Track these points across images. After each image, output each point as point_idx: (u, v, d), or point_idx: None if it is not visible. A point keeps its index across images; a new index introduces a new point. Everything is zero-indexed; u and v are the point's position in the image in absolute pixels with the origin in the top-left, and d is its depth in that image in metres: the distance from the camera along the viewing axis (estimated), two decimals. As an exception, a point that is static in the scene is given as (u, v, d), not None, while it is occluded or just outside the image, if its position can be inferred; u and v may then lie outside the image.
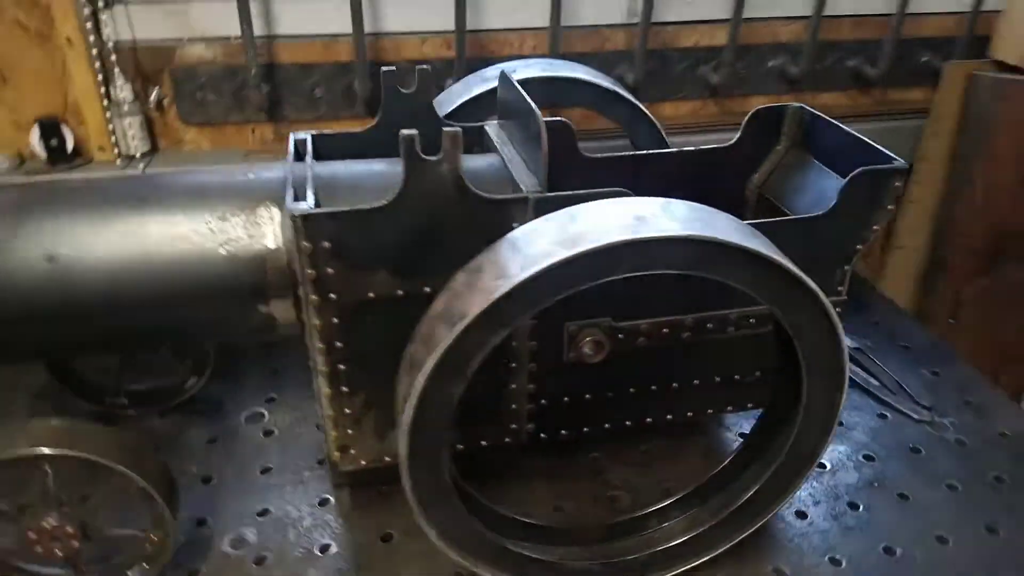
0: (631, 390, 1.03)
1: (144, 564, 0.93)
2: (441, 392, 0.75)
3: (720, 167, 1.17)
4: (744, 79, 1.48)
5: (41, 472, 0.84)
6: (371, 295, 0.86)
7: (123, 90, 1.28)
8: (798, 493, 0.95)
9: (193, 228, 0.84)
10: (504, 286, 0.69)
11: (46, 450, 0.82)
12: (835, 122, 1.09)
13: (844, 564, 0.98)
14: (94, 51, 1.24)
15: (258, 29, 1.31)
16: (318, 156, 0.98)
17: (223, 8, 1.29)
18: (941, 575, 0.97)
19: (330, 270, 0.83)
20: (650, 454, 1.17)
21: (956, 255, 1.56)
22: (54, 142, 1.28)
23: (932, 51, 1.53)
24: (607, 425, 1.06)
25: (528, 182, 0.88)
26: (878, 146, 1.00)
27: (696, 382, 1.05)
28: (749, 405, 1.10)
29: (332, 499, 1.08)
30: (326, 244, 0.82)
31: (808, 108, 1.13)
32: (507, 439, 1.02)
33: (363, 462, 0.99)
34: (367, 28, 1.34)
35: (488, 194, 0.83)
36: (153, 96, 1.30)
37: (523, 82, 1.00)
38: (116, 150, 1.32)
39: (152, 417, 1.22)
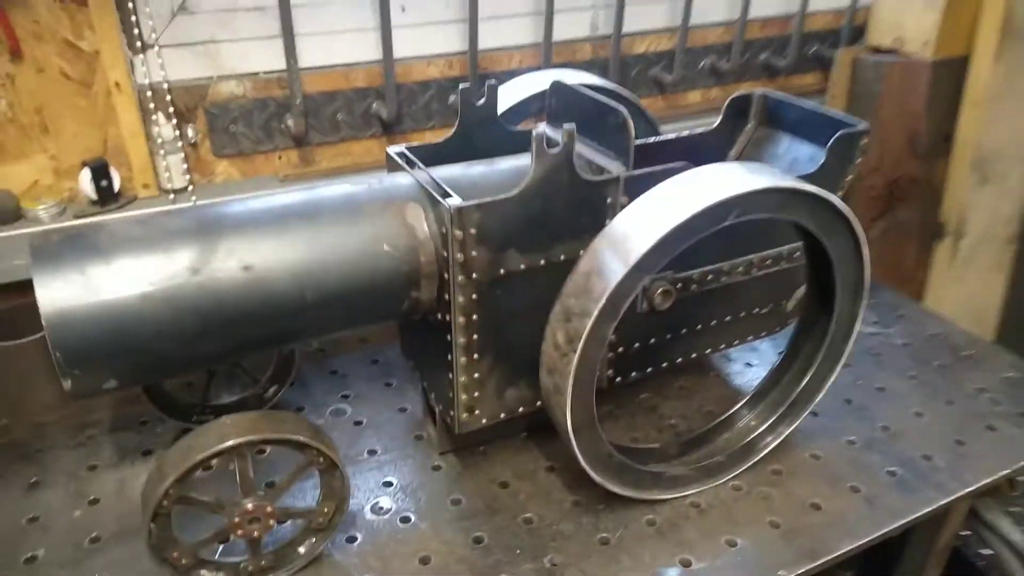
0: (683, 331, 1.26)
1: (312, 539, 1.05)
2: (600, 332, 0.94)
3: (705, 148, 1.43)
4: (687, 77, 1.77)
5: (242, 460, 0.95)
6: (502, 271, 1.04)
7: (164, 129, 1.35)
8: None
9: (358, 231, 0.98)
10: (653, 237, 0.90)
11: (267, 435, 0.93)
12: (795, 100, 1.38)
13: (857, 442, 1.27)
14: (136, 94, 1.32)
15: (286, 64, 1.43)
16: (410, 164, 1.14)
17: (251, 46, 1.39)
18: (928, 439, 1.28)
19: (474, 253, 1.00)
20: (686, 388, 1.41)
21: (860, 204, 1.94)
22: (104, 183, 1.33)
23: (823, 42, 1.89)
24: (664, 364, 1.28)
25: (613, 166, 1.09)
26: (835, 113, 1.30)
27: (728, 318, 1.30)
28: (763, 333, 1.37)
29: (443, 464, 1.23)
30: (473, 231, 0.99)
31: (771, 92, 1.42)
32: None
33: (484, 420, 1.15)
34: (377, 57, 1.50)
35: (590, 176, 1.03)
36: (191, 132, 1.37)
37: (556, 87, 1.22)
38: (159, 187, 1.38)
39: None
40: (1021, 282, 2.01)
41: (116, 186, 1.33)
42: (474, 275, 1.02)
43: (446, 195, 0.99)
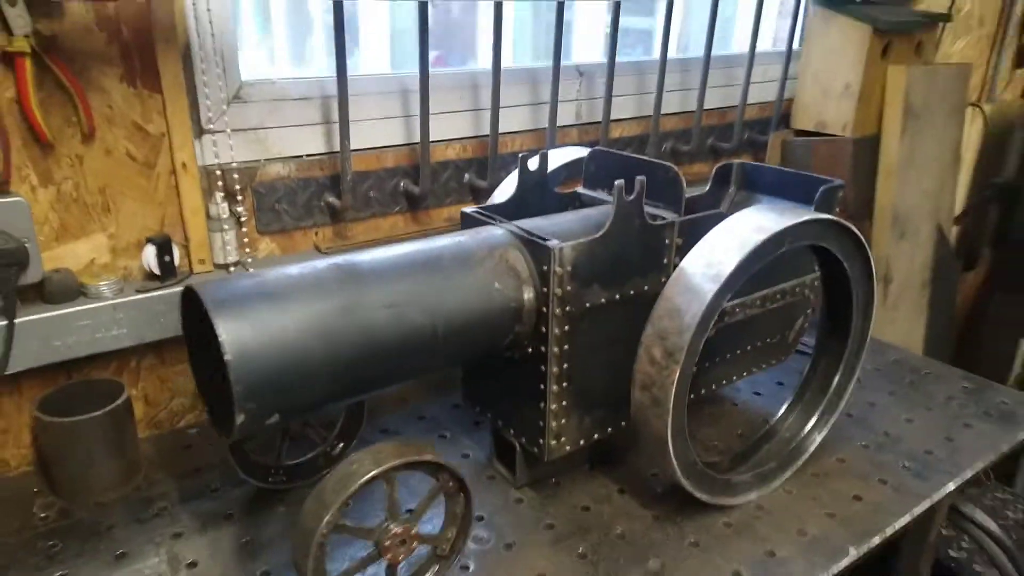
0: (716, 360, 1.43)
1: (436, 566, 1.10)
2: (695, 345, 1.09)
3: (701, 207, 1.66)
4: (658, 157, 2.02)
5: (390, 485, 1.00)
6: (588, 305, 1.18)
7: (221, 207, 1.41)
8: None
9: (474, 273, 1.09)
10: (733, 262, 1.08)
11: (412, 458, 0.99)
12: (771, 166, 1.64)
13: (869, 446, 1.46)
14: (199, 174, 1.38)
15: (326, 147, 1.54)
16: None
17: (297, 132, 1.50)
18: (923, 439, 1.49)
19: (568, 288, 1.14)
20: (713, 416, 1.56)
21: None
22: (167, 259, 1.35)
23: (752, 129, 2.21)
24: (703, 391, 1.44)
25: (667, 213, 1.28)
26: (808, 174, 1.56)
27: (748, 347, 1.49)
28: (772, 362, 1.56)
29: (523, 497, 1.31)
30: (568, 268, 1.13)
31: (747, 163, 1.67)
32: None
33: (568, 447, 1.25)
34: (402, 140, 1.64)
35: (655, 222, 1.21)
36: (240, 210, 1.44)
37: (595, 154, 1.42)
38: (213, 262, 1.43)
39: (310, 486, 1.33)
40: (935, 320, 2.35)
41: (177, 261, 1.37)
42: (568, 308, 1.15)
43: (544, 239, 1.13)
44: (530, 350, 1.20)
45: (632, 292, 1.22)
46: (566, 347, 1.18)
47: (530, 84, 1.82)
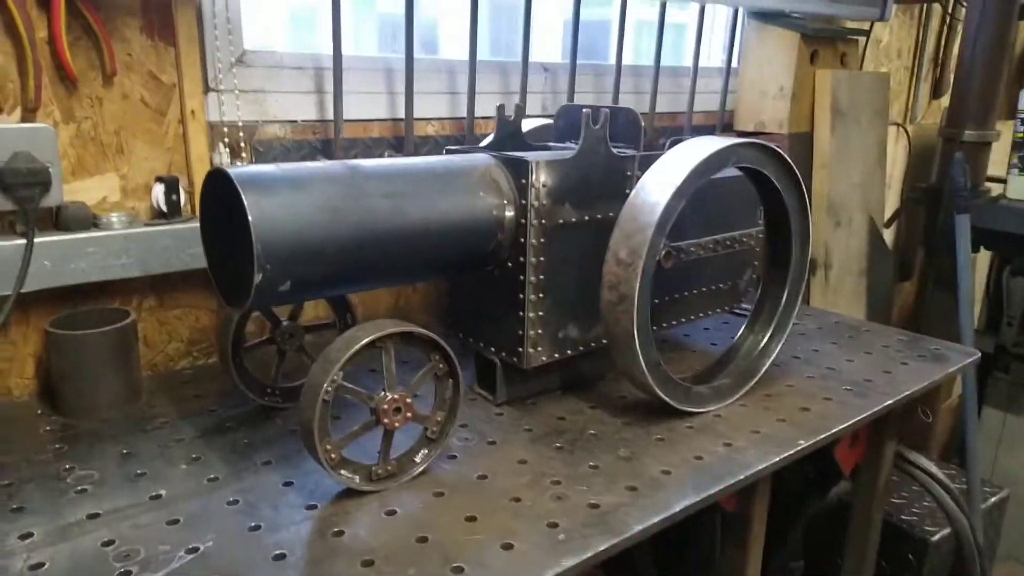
0: (675, 296, 1.58)
1: (426, 449, 1.19)
2: (655, 244, 1.24)
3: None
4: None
5: (387, 355, 1.11)
6: (560, 221, 1.32)
7: (224, 158, 1.54)
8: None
9: (462, 181, 1.24)
10: (688, 166, 1.24)
11: (412, 329, 1.10)
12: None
13: (815, 376, 1.60)
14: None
15: (318, 115, 1.69)
16: (467, 158, 1.43)
17: (291, 98, 1.65)
18: (864, 371, 1.64)
19: (544, 201, 1.29)
20: (674, 358, 1.70)
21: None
22: (174, 197, 1.47)
23: (705, 132, 2.43)
24: (663, 324, 1.58)
25: (628, 150, 1.45)
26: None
27: (703, 289, 1.64)
28: (725, 308, 1.72)
29: (503, 412, 1.41)
30: (543, 182, 1.28)
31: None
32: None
33: (544, 358, 1.37)
34: (387, 115, 1.81)
35: (619, 152, 1.38)
36: (240, 164, 1.57)
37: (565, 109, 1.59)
38: (213, 207, 1.55)
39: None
40: (872, 309, 2.54)
41: (183, 201, 1.48)
42: (543, 221, 1.30)
43: (523, 157, 1.29)
44: (510, 264, 1.34)
45: (599, 216, 1.38)
46: (542, 259, 1.32)
47: (501, 75, 2.01)
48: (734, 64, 2.45)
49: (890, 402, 1.50)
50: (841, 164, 2.33)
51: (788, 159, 1.40)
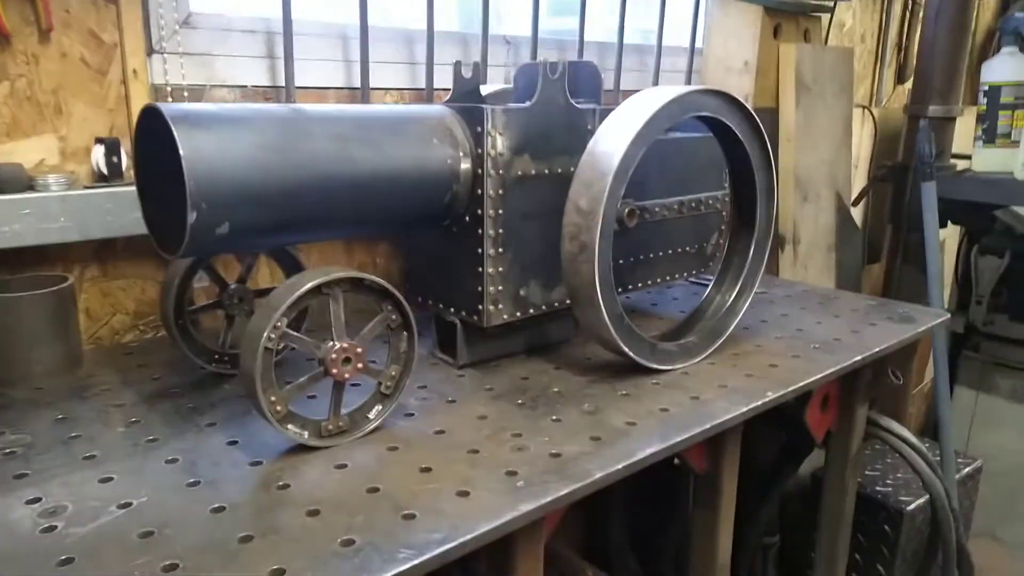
0: (640, 258, 1.54)
1: (380, 405, 1.14)
2: (615, 193, 1.20)
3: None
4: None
5: (335, 303, 1.05)
6: (519, 172, 1.28)
7: (169, 120, 1.48)
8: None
9: (415, 128, 1.19)
10: (647, 113, 1.21)
11: (358, 275, 1.05)
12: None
13: (783, 337, 1.57)
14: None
15: (269, 80, 1.64)
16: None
17: (241, 62, 1.60)
18: (832, 332, 1.61)
19: (501, 150, 1.25)
20: (641, 325, 1.65)
21: (720, 229, 2.41)
22: (115, 160, 1.40)
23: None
24: (629, 287, 1.54)
25: (588, 103, 1.41)
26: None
27: (669, 251, 1.60)
28: (692, 272, 1.68)
29: (465, 375, 1.36)
30: (500, 130, 1.24)
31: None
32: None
33: (505, 316, 1.33)
34: (343, 84, 1.76)
35: (579, 105, 1.34)
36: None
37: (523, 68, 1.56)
38: (158, 172, 1.48)
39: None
40: (842, 282, 2.52)
41: (124, 164, 1.42)
42: (500, 171, 1.26)
43: (477, 106, 1.24)
44: (467, 217, 1.29)
45: (559, 170, 1.34)
46: (501, 211, 1.27)
47: (462, 46, 1.97)
48: (698, 44, 2.44)
49: (859, 358, 1.47)
50: (807, 138, 2.32)
51: (748, 108, 1.38)
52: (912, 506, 1.96)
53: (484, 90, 1.60)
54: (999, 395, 3.06)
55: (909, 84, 3.24)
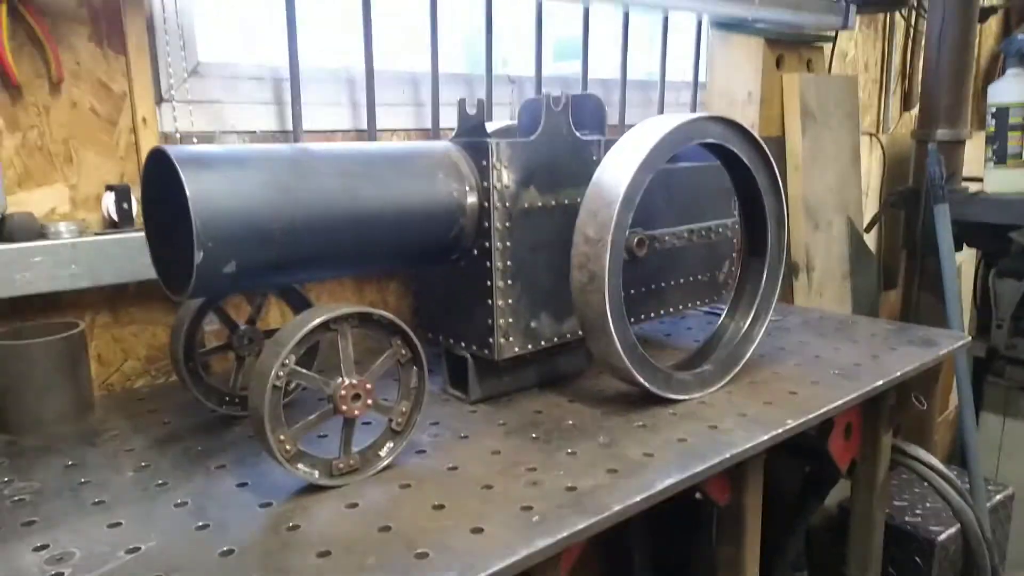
0: (652, 287, 1.53)
1: (391, 443, 1.12)
2: (623, 220, 1.20)
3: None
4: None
5: (344, 339, 1.04)
6: (526, 204, 1.28)
7: (178, 166, 1.50)
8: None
9: (421, 165, 1.20)
10: (652, 140, 1.21)
11: (367, 310, 1.04)
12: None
13: (801, 364, 1.54)
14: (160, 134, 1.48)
15: (278, 125, 1.66)
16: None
17: (249, 108, 1.62)
18: (851, 357, 1.58)
19: (507, 183, 1.25)
20: (655, 356, 1.63)
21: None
22: (125, 206, 1.41)
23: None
24: (642, 316, 1.52)
25: (593, 135, 1.41)
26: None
27: (681, 280, 1.59)
28: (705, 300, 1.66)
29: (477, 410, 1.34)
30: (505, 163, 1.24)
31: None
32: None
33: (516, 349, 1.31)
34: (350, 126, 1.78)
35: (583, 136, 1.34)
36: (197, 174, 1.53)
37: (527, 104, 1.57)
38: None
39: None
40: (858, 311, 2.49)
41: (135, 210, 1.43)
42: (507, 203, 1.26)
43: (482, 140, 1.25)
44: (475, 251, 1.28)
45: (566, 201, 1.34)
46: (508, 243, 1.27)
47: (466, 86, 2.00)
48: (701, 78, 2.46)
49: (881, 382, 1.44)
50: (815, 166, 2.32)
51: (754, 133, 1.37)
52: (943, 536, 1.90)
53: (489, 127, 1.61)
54: (1027, 420, 2.98)
55: (915, 111, 3.24)
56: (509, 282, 1.28)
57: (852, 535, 1.83)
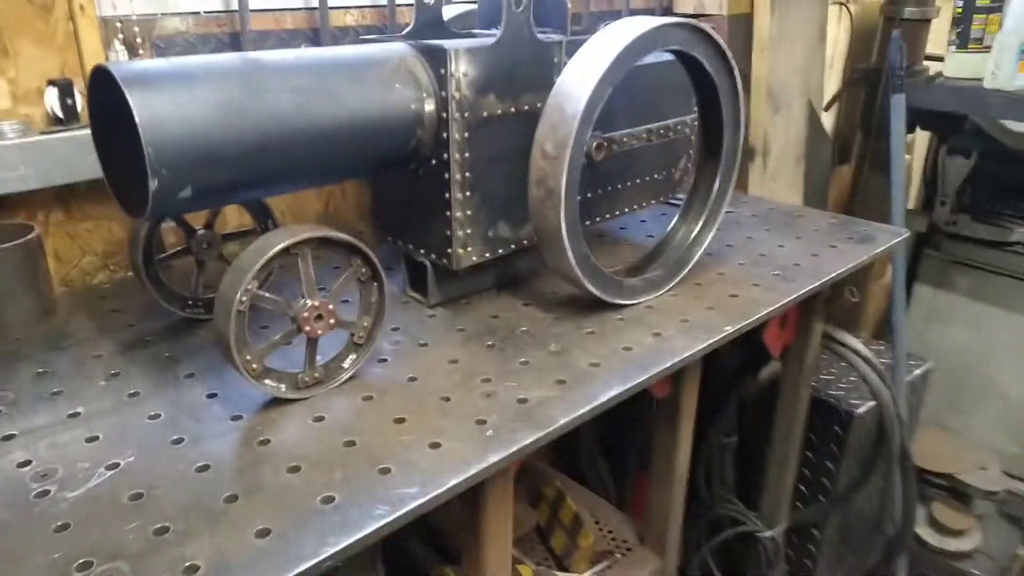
0: (608, 189, 1.56)
1: (353, 354, 1.18)
2: (581, 136, 1.20)
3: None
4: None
5: (304, 262, 1.07)
6: (485, 114, 1.27)
7: (121, 56, 1.43)
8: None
9: (377, 73, 1.17)
10: (613, 51, 1.19)
11: (327, 234, 1.06)
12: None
13: (745, 263, 1.61)
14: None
15: (223, 5, 1.57)
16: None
17: (193, -14, 1.53)
18: (793, 256, 1.66)
19: (466, 93, 1.23)
20: (610, 252, 1.69)
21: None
22: (69, 102, 1.36)
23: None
24: (597, 218, 1.56)
25: (555, 35, 1.38)
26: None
27: (637, 180, 1.62)
28: (660, 198, 1.71)
29: (436, 314, 1.40)
30: (464, 71, 1.22)
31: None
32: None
33: (475, 257, 1.35)
34: (303, 3, 1.69)
35: (545, 38, 1.31)
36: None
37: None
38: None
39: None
40: (810, 195, 2.56)
41: (79, 105, 1.38)
42: (466, 114, 1.24)
43: (441, 46, 1.22)
44: (434, 161, 1.29)
45: (527, 107, 1.33)
46: (467, 154, 1.27)
47: (424, -43, 1.89)
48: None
49: (815, 285, 1.52)
50: (781, 47, 2.29)
51: (718, 39, 1.36)
52: (862, 409, 2.08)
53: (447, 12, 1.55)
54: (957, 292, 3.17)
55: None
56: (468, 193, 1.29)
57: (779, 408, 2.00)
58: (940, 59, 2.68)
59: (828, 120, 3.06)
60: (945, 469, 2.76)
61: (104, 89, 1.01)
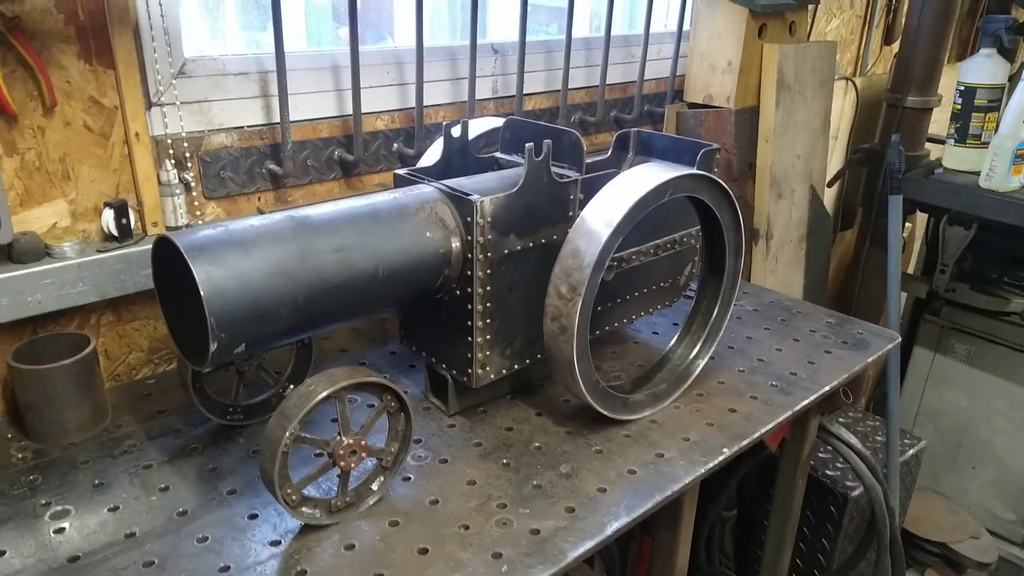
0: (617, 301, 1.67)
1: (381, 477, 1.29)
2: (594, 280, 1.31)
3: (602, 168, 1.88)
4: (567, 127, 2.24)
5: (342, 403, 1.19)
6: (506, 251, 1.38)
7: (171, 174, 1.54)
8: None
9: (409, 224, 1.28)
10: (623, 209, 1.30)
11: (362, 379, 1.18)
12: (662, 133, 1.88)
13: (744, 371, 1.72)
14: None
15: (265, 119, 1.69)
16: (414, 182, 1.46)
17: (237, 104, 1.64)
18: (790, 363, 1.76)
19: (489, 236, 1.34)
20: (616, 353, 1.80)
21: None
22: (124, 221, 1.48)
23: (651, 102, 2.46)
24: (606, 328, 1.67)
25: (571, 172, 1.49)
26: (692, 139, 1.80)
27: (644, 290, 1.73)
28: (667, 303, 1.81)
29: (455, 423, 1.51)
30: (488, 219, 1.33)
31: (643, 130, 1.90)
32: (560, 347, 1.57)
33: (492, 376, 1.46)
34: (335, 112, 1.80)
35: (561, 179, 1.42)
36: (188, 177, 1.58)
37: (510, 123, 1.62)
38: (165, 225, 1.56)
39: (265, 423, 1.49)
40: (811, 272, 2.66)
41: (134, 224, 1.50)
42: (489, 254, 1.36)
43: (467, 195, 1.33)
44: (458, 292, 1.40)
45: (543, 241, 1.44)
46: (488, 288, 1.38)
47: (450, 61, 2.00)
48: (686, 27, 2.45)
49: (809, 400, 1.63)
50: (785, 137, 2.39)
51: (724, 185, 1.46)
52: (856, 492, 2.19)
53: (473, 126, 1.67)
54: (955, 358, 3.26)
55: (896, 48, 3.25)
56: (488, 320, 1.41)
57: (776, 490, 2.11)
58: (942, 142, 2.78)
59: (832, 190, 3.16)
60: (939, 538, 2.86)
61: (164, 250, 1.13)
